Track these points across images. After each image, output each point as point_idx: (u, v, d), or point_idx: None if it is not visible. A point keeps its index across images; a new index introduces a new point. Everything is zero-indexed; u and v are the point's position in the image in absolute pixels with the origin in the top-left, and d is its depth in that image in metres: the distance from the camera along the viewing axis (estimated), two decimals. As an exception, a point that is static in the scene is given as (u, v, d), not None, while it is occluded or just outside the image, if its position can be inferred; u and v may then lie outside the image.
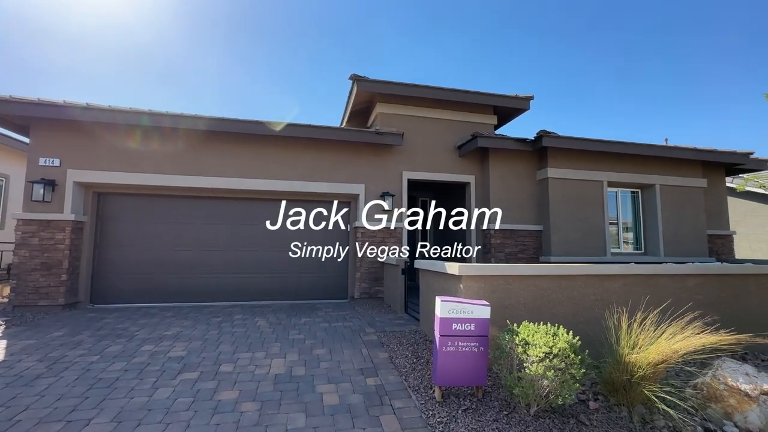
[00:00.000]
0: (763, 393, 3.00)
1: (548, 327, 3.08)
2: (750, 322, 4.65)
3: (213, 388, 3.25)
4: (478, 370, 3.21)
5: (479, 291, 3.85)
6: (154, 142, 6.76)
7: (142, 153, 6.70)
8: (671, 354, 2.96)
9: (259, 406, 2.97)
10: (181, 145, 6.84)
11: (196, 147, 6.90)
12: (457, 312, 3.21)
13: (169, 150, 6.80)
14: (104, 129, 6.54)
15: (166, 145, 6.79)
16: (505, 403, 3.11)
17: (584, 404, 3.20)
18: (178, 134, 6.79)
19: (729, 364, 3.29)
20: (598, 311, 3.92)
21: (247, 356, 4.00)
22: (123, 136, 6.62)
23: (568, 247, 7.73)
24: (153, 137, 6.73)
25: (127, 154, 6.64)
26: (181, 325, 5.25)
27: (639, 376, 2.96)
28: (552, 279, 4.08)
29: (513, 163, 8.01)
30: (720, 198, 9.23)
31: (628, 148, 7.94)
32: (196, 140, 6.89)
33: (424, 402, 3.13)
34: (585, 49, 28.08)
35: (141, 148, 6.69)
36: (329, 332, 4.98)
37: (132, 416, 2.76)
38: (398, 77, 7.70)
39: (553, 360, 2.71)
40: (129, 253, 6.94)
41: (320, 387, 3.33)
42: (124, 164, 6.62)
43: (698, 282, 4.55)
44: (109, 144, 6.60)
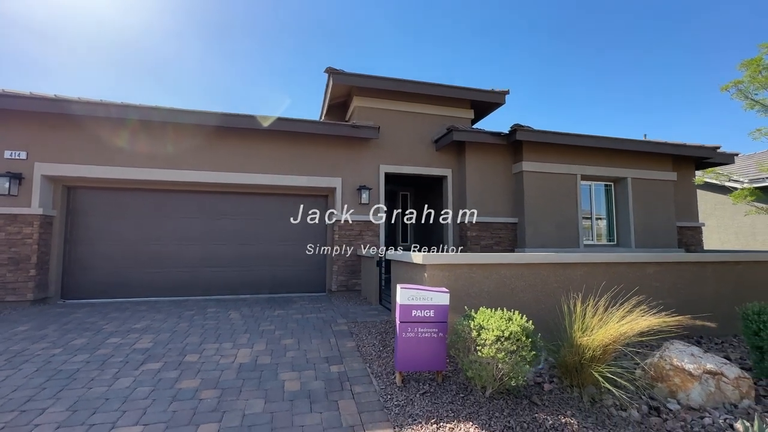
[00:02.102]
0: (705, 372, 3.16)
1: (504, 312, 3.17)
2: (705, 308, 4.85)
3: (175, 377, 3.26)
4: (438, 356, 3.29)
5: (443, 279, 3.93)
6: (127, 135, 6.65)
7: (114, 146, 6.59)
8: (618, 336, 3.08)
9: (219, 393, 3.00)
10: (154, 139, 6.75)
11: (170, 140, 6.81)
12: (417, 299, 3.29)
13: (143, 143, 6.70)
14: (74, 121, 6.41)
15: (140, 138, 6.69)
16: (462, 387, 3.20)
17: (539, 386, 3.32)
18: (151, 127, 6.70)
19: (677, 346, 3.44)
20: (560, 298, 4.05)
21: (213, 347, 4.01)
22: (94, 128, 6.50)
23: (542, 239, 7.90)
24: (126, 130, 6.63)
25: (98, 147, 6.53)
26: (153, 318, 5.22)
27: (588, 357, 3.08)
28: (515, 267, 4.19)
29: (489, 156, 8.12)
30: (689, 191, 9.52)
31: (601, 141, 8.13)
32: (170, 133, 6.80)
33: (385, 387, 3.20)
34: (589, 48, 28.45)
35: (113, 142, 6.58)
36: (301, 323, 5.02)
37: (88, 405, 2.76)
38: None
39: (504, 343, 2.81)
40: (102, 248, 6.84)
41: (283, 375, 3.37)
42: (96, 157, 6.51)
43: (656, 270, 4.72)
44: (80, 137, 6.47)
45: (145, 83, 28.33)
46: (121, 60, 27.49)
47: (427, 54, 30.17)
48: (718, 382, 3.14)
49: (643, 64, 31.45)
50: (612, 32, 26.79)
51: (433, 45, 28.55)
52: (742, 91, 4.44)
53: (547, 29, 27.52)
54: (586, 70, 31.22)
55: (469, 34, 27.11)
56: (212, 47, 26.17)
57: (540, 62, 31.63)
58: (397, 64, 30.67)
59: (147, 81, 28.47)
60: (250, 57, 28.57)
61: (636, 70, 32.51)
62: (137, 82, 28.56)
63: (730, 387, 3.13)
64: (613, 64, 30.20)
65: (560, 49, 29.25)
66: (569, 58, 30.04)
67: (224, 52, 27.28)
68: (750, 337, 3.44)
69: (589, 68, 30.82)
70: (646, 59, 31.02)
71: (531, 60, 31.37)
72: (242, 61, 29.03)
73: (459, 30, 27.06)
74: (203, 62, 28.87)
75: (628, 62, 30.80)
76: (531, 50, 29.74)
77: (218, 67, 29.03)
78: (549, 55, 30.08)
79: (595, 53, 28.40)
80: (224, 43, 26.18)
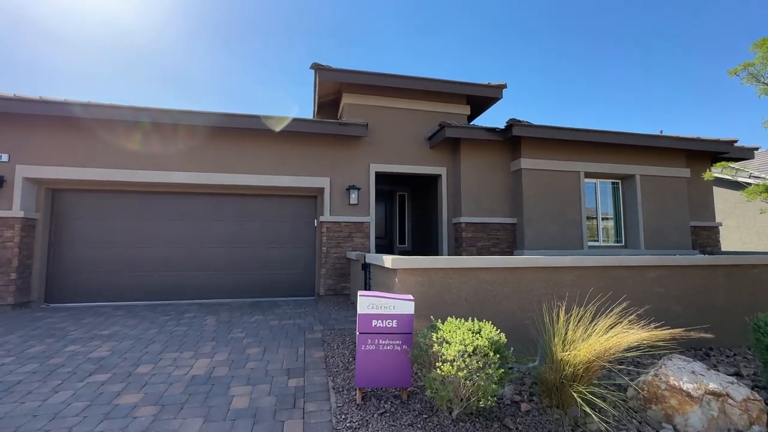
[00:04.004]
0: (707, 393, 2.74)
1: (474, 323, 2.83)
2: (716, 316, 4.39)
3: (118, 391, 3.02)
4: (402, 371, 2.97)
5: (416, 285, 3.60)
6: (112, 137, 6.54)
7: (99, 148, 6.49)
8: (603, 351, 2.70)
9: (157, 410, 2.74)
10: (138, 140, 6.62)
11: (154, 141, 6.67)
12: (378, 307, 2.97)
13: (128, 144, 6.58)
14: (57, 123, 6.34)
15: (125, 139, 6.57)
16: (427, 406, 2.87)
17: (517, 406, 2.96)
18: (136, 128, 6.57)
19: (676, 362, 3.02)
20: (548, 306, 3.66)
21: (172, 356, 3.78)
22: (77, 130, 6.41)
23: (543, 241, 7.46)
24: (110, 131, 6.52)
25: (82, 149, 6.44)
26: (124, 324, 5.04)
27: (569, 375, 2.70)
28: (497, 272, 3.82)
29: (486, 154, 7.73)
30: (705, 188, 8.90)
31: (605, 136, 7.65)
32: (155, 134, 6.66)
33: (343, 404, 2.89)
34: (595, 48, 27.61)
35: (98, 143, 6.48)
36: (275, 330, 4.76)
37: (10, 424, 2.54)
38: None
39: (467, 359, 2.47)
40: (87, 251, 6.74)
41: (235, 389, 3.10)
42: (80, 159, 6.41)
43: (659, 274, 4.28)
44: (64, 139, 6.39)
45: (156, 86, 28.77)
46: (133, 63, 27.98)
47: (440, 51, 29.63)
48: (723, 404, 2.72)
49: (672, 62, 30.25)
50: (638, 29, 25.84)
51: (448, 42, 28.04)
52: (754, 74, 3.95)
53: (571, 27, 26.68)
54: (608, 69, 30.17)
55: (487, 30, 26.44)
56: (221, 48, 26.37)
57: (565, 61, 30.57)
58: (407, 61, 30.24)
59: (159, 84, 28.90)
60: (260, 57, 28.66)
61: (663, 66, 31.30)
62: (149, 85, 29.00)
63: (737, 411, 2.70)
64: (642, 62, 29.08)
65: (580, 47, 28.33)
66: (588, 57, 29.03)
67: (233, 52, 27.45)
68: (762, 351, 3.00)
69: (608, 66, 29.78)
70: (678, 55, 29.78)
71: (552, 58, 30.44)
72: (252, 62, 29.16)
73: (473, 26, 26.49)
74: (214, 64, 29.13)
75: (652, 59, 29.68)
76: (554, 49, 28.87)
77: (227, 68, 29.25)
78: (571, 53, 29.05)
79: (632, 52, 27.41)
80: (233, 44, 26.33)
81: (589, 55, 27.98)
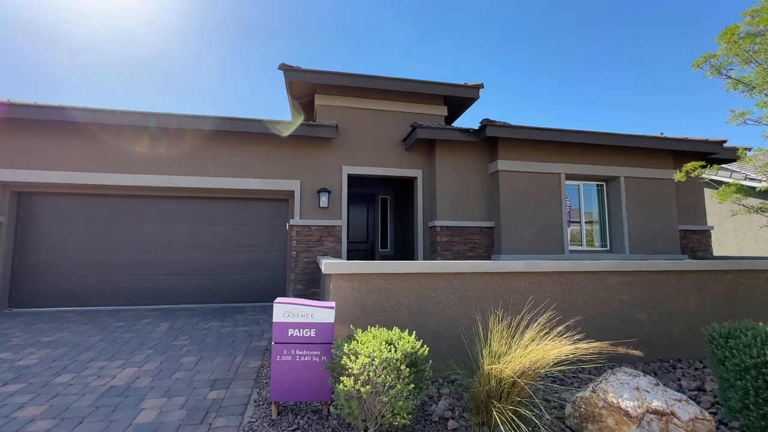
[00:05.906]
0: (650, 411, 2.49)
1: (392, 332, 2.62)
2: (686, 324, 4.11)
3: (22, 403, 2.86)
4: (320, 384, 2.76)
5: (352, 291, 3.40)
6: (77, 140, 6.45)
7: (64, 151, 6.39)
8: (532, 363, 2.47)
9: (53, 424, 2.57)
10: (106, 142, 6.52)
11: (122, 143, 6.56)
12: (294, 315, 2.78)
13: (94, 147, 6.48)
14: (24, 126, 6.27)
15: (90, 142, 6.48)
16: (344, 423, 2.66)
17: (444, 423, 2.73)
18: (102, 131, 6.47)
19: (620, 376, 2.77)
20: (500, 315, 3.43)
21: (100, 365, 3.61)
22: (44, 133, 6.34)
23: (521, 245, 7.19)
24: (76, 134, 6.43)
25: (49, 152, 6.35)
26: (74, 330, 4.90)
27: (494, 390, 2.48)
28: (442, 277, 3.61)
29: (463, 156, 7.51)
30: (695, 190, 8.57)
31: (587, 137, 7.39)
32: (122, 136, 6.56)
33: (256, 420, 2.69)
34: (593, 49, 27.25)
35: (63, 146, 6.39)
36: (223, 338, 4.57)
37: None
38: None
39: (371, 374, 2.26)
40: (53, 255, 6.64)
41: (148, 402, 2.91)
42: (46, 162, 6.32)
43: (623, 280, 4.02)
44: (30, 142, 6.31)
45: (161, 91, 28.97)
46: (139, 68, 28.28)
47: (445, 53, 29.36)
48: (667, 424, 2.46)
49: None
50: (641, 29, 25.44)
51: (455, 45, 27.81)
52: (716, 67, 3.71)
53: (575, 29, 26.32)
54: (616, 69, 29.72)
55: (499, 35, 26.14)
56: (229, 52, 26.49)
57: (572, 63, 30.03)
58: (410, 63, 30.03)
59: (164, 89, 29.12)
60: (267, 62, 28.65)
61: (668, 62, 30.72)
62: (155, 90, 29.20)
63: (682, 431, 2.45)
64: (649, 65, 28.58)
65: (591, 47, 27.87)
66: (599, 56, 28.52)
67: (240, 57, 27.56)
68: (716, 366, 2.73)
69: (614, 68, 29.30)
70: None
71: (557, 59, 29.93)
72: (258, 67, 29.21)
73: (480, 29, 26.25)
74: (220, 68, 29.26)
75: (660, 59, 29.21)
76: (558, 50, 28.47)
77: (234, 72, 29.31)
78: (579, 55, 28.52)
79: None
80: (240, 48, 26.43)
81: (605, 56, 27.37)
